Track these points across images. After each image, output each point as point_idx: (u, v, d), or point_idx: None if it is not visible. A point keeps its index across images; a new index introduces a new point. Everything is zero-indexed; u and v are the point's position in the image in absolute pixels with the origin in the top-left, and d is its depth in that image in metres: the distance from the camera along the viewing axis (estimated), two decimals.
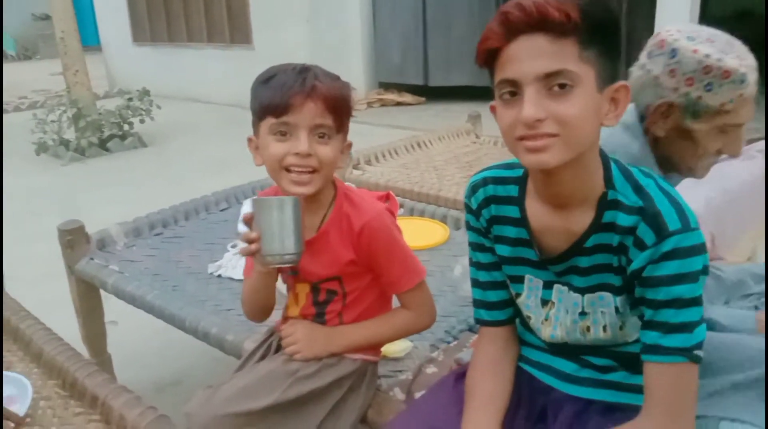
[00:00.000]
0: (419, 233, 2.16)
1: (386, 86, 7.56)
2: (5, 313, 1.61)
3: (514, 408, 1.09)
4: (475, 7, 6.61)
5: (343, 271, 1.23)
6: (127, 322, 2.26)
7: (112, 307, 2.08)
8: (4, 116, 7.96)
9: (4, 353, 1.50)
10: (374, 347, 1.32)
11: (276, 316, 1.35)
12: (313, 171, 1.14)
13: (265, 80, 1.15)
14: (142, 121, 5.87)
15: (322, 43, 6.98)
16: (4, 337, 1.55)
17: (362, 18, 7.24)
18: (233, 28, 7.73)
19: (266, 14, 7.26)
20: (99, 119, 5.68)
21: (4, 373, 1.35)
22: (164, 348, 2.29)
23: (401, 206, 2.32)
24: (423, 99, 7.32)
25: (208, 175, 4.55)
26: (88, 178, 4.95)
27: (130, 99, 5.89)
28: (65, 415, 1.29)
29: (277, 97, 1.12)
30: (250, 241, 1.11)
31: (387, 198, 1.31)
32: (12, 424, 1.15)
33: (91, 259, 1.98)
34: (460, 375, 1.16)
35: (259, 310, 1.28)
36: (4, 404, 1.26)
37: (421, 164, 2.94)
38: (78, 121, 5.56)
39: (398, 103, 7.32)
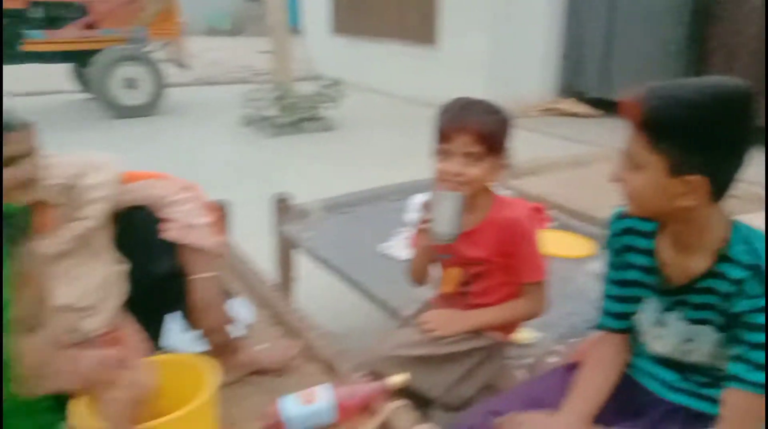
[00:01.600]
0: (566, 244, 2.42)
1: (564, 95, 7.62)
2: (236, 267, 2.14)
3: (610, 402, 1.33)
4: (665, 26, 6.48)
5: (489, 260, 1.57)
6: (310, 278, 2.75)
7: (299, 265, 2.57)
8: (215, 88, 9.17)
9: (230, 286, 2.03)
10: (502, 329, 1.64)
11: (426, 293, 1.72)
12: (464, 183, 1.50)
13: (443, 110, 1.52)
14: (331, 108, 6.55)
15: (504, 50, 7.23)
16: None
17: (547, 27, 7.37)
18: (422, 28, 8.21)
19: (454, 17, 7.64)
20: (296, 102, 6.43)
21: (234, 299, 1.85)
22: (336, 304, 2.74)
23: (555, 220, 2.59)
24: (601, 112, 7.26)
25: (383, 164, 5.05)
26: (282, 152, 5.67)
27: (323, 86, 6.58)
28: (269, 339, 1.77)
29: (443, 128, 1.51)
30: (425, 221, 1.51)
31: (537, 209, 1.62)
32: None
33: (293, 225, 2.49)
34: (572, 366, 1.43)
35: (419, 277, 1.68)
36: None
37: (581, 181, 3.14)
38: (279, 102, 6.35)
39: (574, 114, 7.35)
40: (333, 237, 2.42)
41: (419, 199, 2.24)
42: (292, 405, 1.36)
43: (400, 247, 2.33)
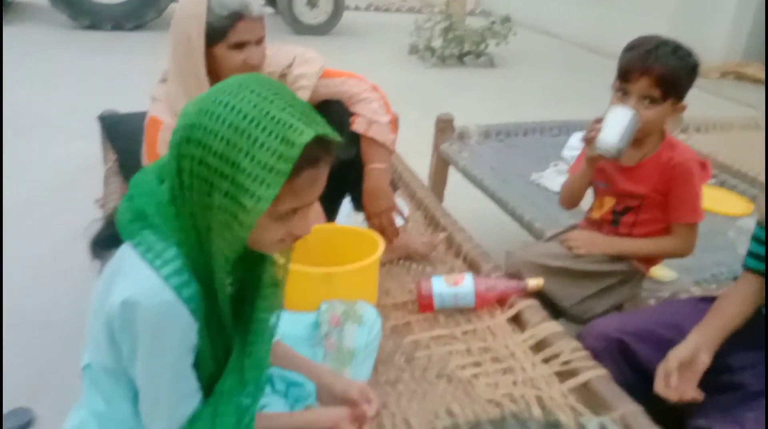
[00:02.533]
0: (723, 201, 2.40)
1: (751, 59, 7.00)
2: (398, 170, 2.38)
3: (739, 334, 1.41)
4: None
5: (646, 196, 1.65)
6: (459, 196, 2.94)
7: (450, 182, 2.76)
8: (387, 15, 9.39)
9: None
10: (643, 261, 1.73)
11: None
12: None
13: (628, 48, 1.58)
14: (497, 44, 6.53)
15: (692, 4, 6.72)
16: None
17: None
18: None
19: None
20: (463, 35, 6.49)
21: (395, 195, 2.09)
22: (481, 222, 2.91)
23: (715, 177, 2.56)
24: None
25: (542, 105, 5.04)
26: (443, 82, 5.81)
27: (493, 22, 6.56)
28: (426, 233, 2.00)
29: (624, 66, 1.56)
30: (592, 130, 1.58)
31: (702, 164, 1.66)
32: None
33: (452, 144, 2.67)
34: (705, 299, 1.51)
35: (571, 199, 1.79)
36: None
37: (749, 144, 3.02)
38: (447, 34, 6.44)
39: (758, 80, 6.76)
40: (488, 160, 2.57)
41: (580, 136, 2.32)
42: (441, 283, 1.58)
43: (553, 179, 2.44)
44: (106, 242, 0.97)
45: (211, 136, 0.83)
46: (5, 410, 1.74)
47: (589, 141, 1.61)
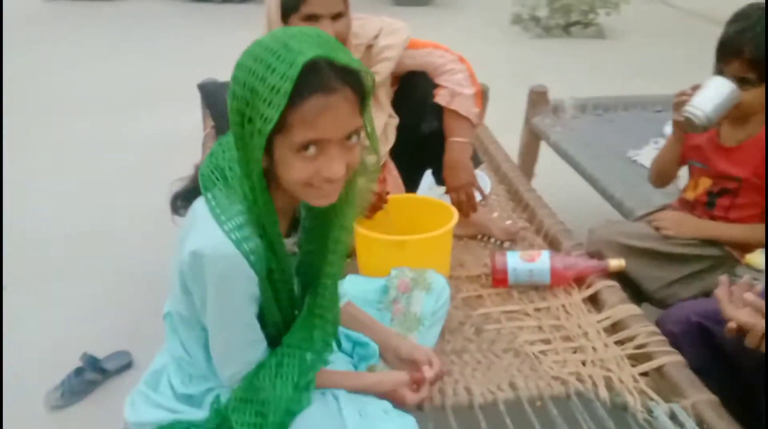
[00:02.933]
0: None
1: None
2: (484, 143, 2.35)
3: None
4: None
5: (746, 178, 1.55)
6: (549, 172, 2.87)
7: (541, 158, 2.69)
8: None
9: None
10: (737, 246, 1.63)
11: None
12: None
13: (729, 21, 1.47)
14: (608, 14, 6.21)
15: None
16: None
17: None
18: None
19: None
20: (571, 4, 6.21)
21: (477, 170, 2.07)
22: (569, 199, 2.83)
23: None
24: None
25: (653, 79, 4.76)
26: (546, 54, 5.61)
27: None
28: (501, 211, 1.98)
29: (719, 45, 1.46)
30: (684, 95, 1.52)
31: None
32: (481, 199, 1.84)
33: (544, 118, 2.60)
34: None
35: (659, 175, 1.73)
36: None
37: None
38: (553, 2, 6.19)
39: None
40: (582, 135, 2.49)
41: None
42: (515, 259, 1.57)
43: (651, 157, 2.31)
44: (186, 196, 1.04)
45: (240, 69, 0.89)
46: (109, 352, 1.91)
47: (677, 105, 1.52)
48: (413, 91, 1.79)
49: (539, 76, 3.17)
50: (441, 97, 1.74)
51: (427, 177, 1.96)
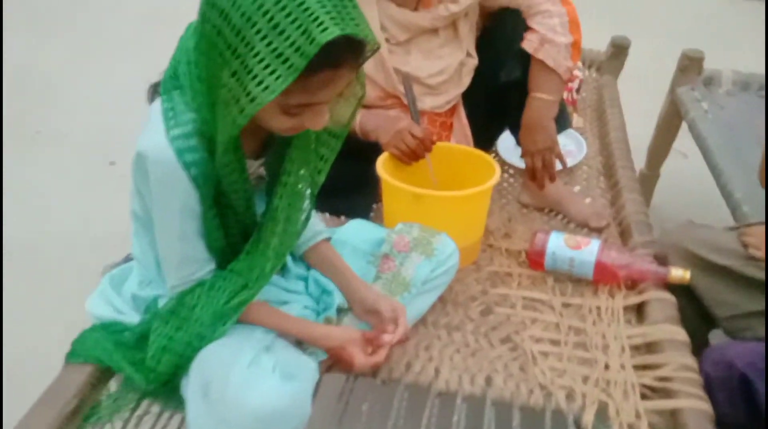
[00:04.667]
0: None
1: None
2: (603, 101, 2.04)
3: None
4: None
5: None
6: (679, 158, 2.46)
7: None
8: None
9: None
10: None
11: None
12: None
13: None
14: None
15: None
16: None
17: None
18: None
19: None
20: None
21: (569, 131, 1.81)
22: (687, 193, 2.43)
23: None
24: None
25: None
26: (714, 14, 4.66)
27: None
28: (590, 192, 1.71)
29: None
30: None
31: None
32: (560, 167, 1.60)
33: (693, 89, 2.19)
34: None
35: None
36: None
37: None
38: None
39: None
40: (729, 117, 2.06)
41: None
42: (558, 241, 1.35)
43: None
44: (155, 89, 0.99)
45: (234, 7, 0.77)
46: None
47: None
48: (499, 30, 1.57)
49: (698, 38, 2.65)
50: (528, 43, 1.50)
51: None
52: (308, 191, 1.03)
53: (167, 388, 0.99)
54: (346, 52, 0.80)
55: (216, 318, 0.96)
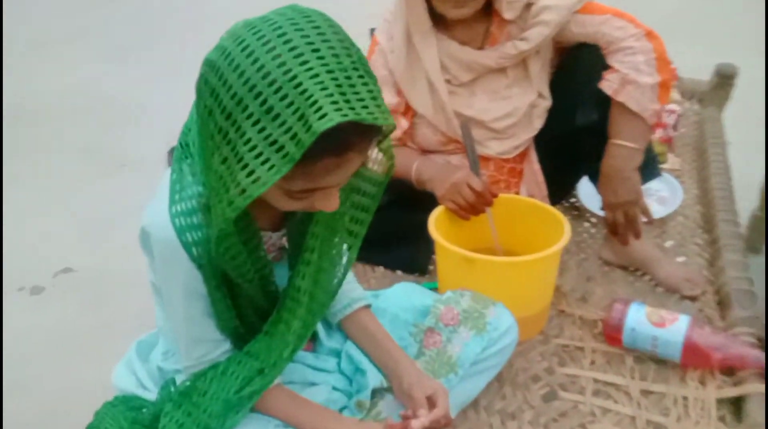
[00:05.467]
0: None
1: None
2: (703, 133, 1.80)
3: None
4: None
5: None
6: None
7: None
8: None
9: None
10: None
11: None
12: None
13: None
14: None
15: None
16: None
17: None
18: None
19: None
20: None
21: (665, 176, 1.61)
22: None
23: None
24: None
25: None
26: None
27: None
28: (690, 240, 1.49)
29: None
30: None
31: None
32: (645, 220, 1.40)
33: None
34: None
35: None
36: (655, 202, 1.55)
37: None
38: None
39: None
40: None
41: None
42: (640, 315, 1.16)
43: None
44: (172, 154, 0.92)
45: (224, 87, 0.68)
46: None
47: None
48: (576, 68, 1.39)
49: None
50: (608, 84, 1.32)
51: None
52: (337, 269, 0.92)
53: None
54: (352, 136, 0.69)
55: (227, 408, 0.86)
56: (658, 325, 1.14)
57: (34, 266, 2.06)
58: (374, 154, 0.87)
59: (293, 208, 0.77)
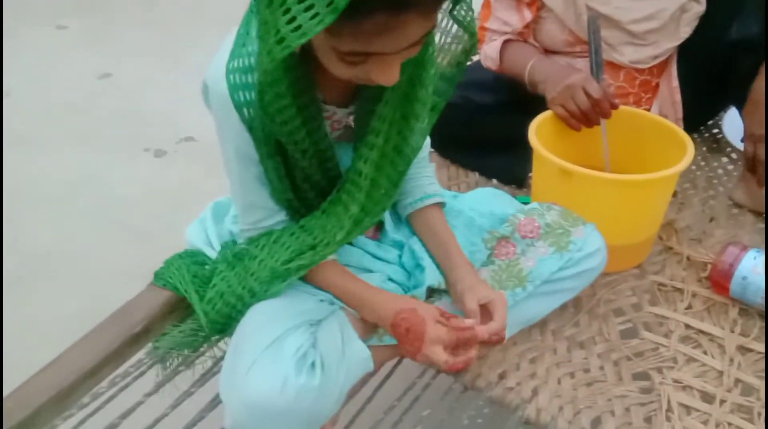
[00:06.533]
0: None
1: None
2: None
3: None
4: None
5: None
6: None
7: None
8: None
9: None
10: None
11: None
12: None
13: None
14: None
15: None
16: None
17: None
18: None
19: None
20: None
21: None
22: None
23: None
24: None
25: None
26: None
27: None
28: None
29: None
30: None
31: None
32: None
33: None
34: None
35: None
36: None
37: None
38: None
39: None
40: None
41: None
42: (755, 264, 1.00)
43: None
44: None
45: None
46: None
47: None
48: None
49: None
50: None
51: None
52: (403, 156, 0.85)
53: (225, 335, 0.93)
54: None
55: (273, 276, 0.85)
56: None
57: (159, 132, 2.17)
58: (449, 25, 0.77)
59: (348, 75, 0.70)
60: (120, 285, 1.07)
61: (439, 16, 0.73)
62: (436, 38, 0.79)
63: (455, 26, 0.78)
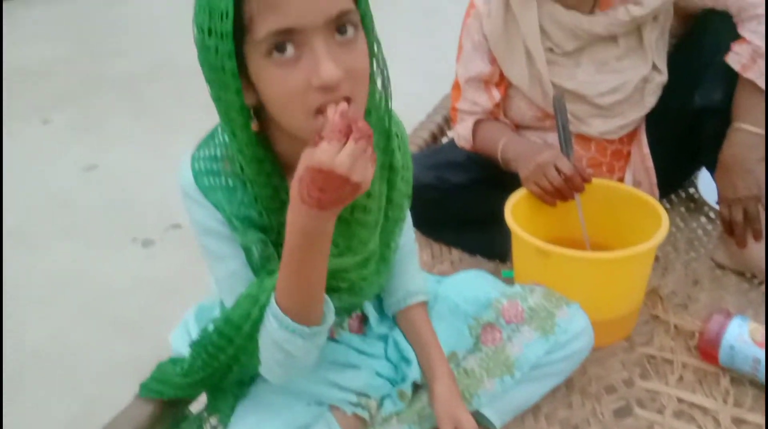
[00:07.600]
0: None
1: None
2: None
3: None
4: None
5: None
6: None
7: None
8: None
9: None
10: None
11: None
12: None
13: None
14: None
15: None
16: None
17: None
18: None
19: None
20: None
21: None
22: None
23: None
24: None
25: None
26: None
27: None
28: None
29: None
30: None
31: None
32: None
33: None
34: None
35: None
36: None
37: None
38: None
39: None
40: None
41: None
42: (740, 332, 1.00)
43: None
44: None
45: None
46: None
47: None
48: (699, 38, 1.21)
49: None
50: (735, 57, 1.13)
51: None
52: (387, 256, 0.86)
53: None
54: None
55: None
56: (762, 345, 0.97)
57: (146, 221, 2.17)
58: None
59: (286, 86, 0.64)
60: (112, 383, 1.05)
61: None
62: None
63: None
